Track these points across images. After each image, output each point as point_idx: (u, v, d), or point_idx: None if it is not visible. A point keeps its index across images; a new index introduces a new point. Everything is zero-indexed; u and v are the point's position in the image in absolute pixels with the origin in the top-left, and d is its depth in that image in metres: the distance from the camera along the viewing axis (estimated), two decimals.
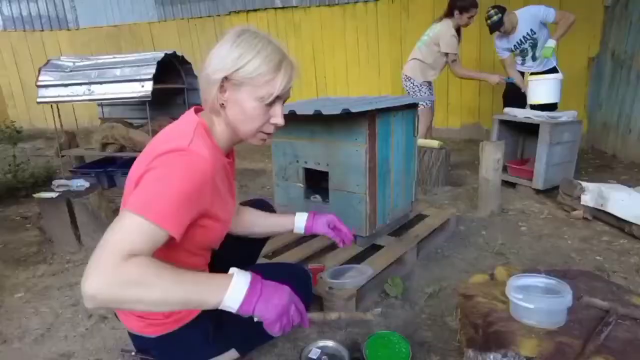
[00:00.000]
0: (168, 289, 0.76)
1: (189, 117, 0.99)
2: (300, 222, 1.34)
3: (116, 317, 1.19)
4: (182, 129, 0.94)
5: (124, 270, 0.72)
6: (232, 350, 1.14)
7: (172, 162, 0.85)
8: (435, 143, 3.16)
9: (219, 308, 0.82)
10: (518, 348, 0.91)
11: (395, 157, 1.98)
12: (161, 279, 0.76)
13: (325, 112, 1.64)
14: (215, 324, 1.07)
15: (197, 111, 1.02)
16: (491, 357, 0.94)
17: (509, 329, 0.97)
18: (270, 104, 0.96)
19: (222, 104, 0.95)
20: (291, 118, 0.99)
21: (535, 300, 0.97)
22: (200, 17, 6.67)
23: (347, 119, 1.73)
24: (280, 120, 0.99)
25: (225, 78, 0.92)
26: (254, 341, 1.21)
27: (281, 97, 0.97)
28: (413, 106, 2.06)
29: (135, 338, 1.12)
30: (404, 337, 1.33)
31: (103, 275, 0.71)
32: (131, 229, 0.77)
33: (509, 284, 1.04)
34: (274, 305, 0.85)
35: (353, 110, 1.57)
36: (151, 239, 0.78)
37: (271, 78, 0.92)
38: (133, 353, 1.17)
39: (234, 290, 0.82)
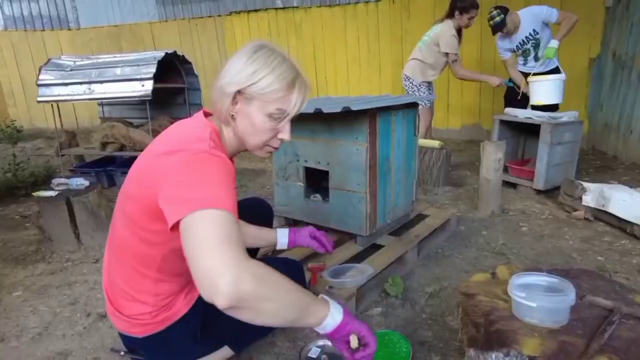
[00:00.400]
0: (291, 291, 0.78)
1: (200, 121, 0.98)
2: (282, 237, 1.42)
3: None
4: (194, 133, 0.93)
5: (253, 265, 0.72)
6: (224, 348, 1.13)
7: (207, 161, 0.84)
8: (435, 143, 3.15)
9: (315, 326, 0.84)
10: (520, 347, 0.90)
11: (396, 156, 1.97)
12: (282, 279, 0.77)
13: (326, 110, 1.63)
14: (202, 323, 1.06)
15: (205, 114, 1.02)
16: (493, 356, 0.93)
17: (511, 328, 0.96)
18: (280, 120, 0.97)
19: (233, 115, 0.97)
20: None
21: (537, 299, 0.96)
22: (201, 17, 6.66)
23: (347, 118, 1.72)
24: (287, 137, 1.01)
25: (238, 92, 0.93)
26: (247, 338, 1.20)
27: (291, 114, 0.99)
28: (414, 105, 2.05)
29: (124, 338, 1.11)
30: (404, 336, 1.32)
31: (241, 269, 0.69)
32: (223, 222, 0.74)
33: (511, 282, 1.03)
34: (363, 323, 0.91)
35: (354, 108, 1.57)
36: (238, 230, 0.77)
37: (283, 95, 0.94)
38: (122, 353, 1.16)
39: (334, 307, 0.86)
